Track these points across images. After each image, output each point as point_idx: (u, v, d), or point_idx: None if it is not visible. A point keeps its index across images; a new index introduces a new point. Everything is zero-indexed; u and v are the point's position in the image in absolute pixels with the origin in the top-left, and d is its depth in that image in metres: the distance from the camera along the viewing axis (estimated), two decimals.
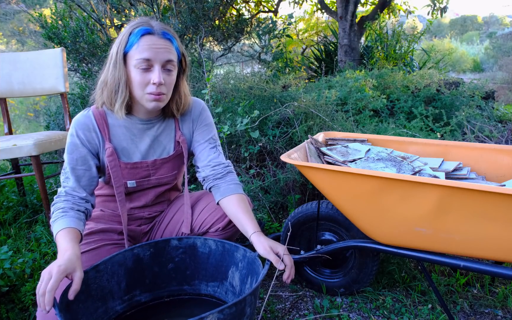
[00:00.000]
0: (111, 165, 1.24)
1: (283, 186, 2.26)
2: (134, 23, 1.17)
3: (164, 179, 1.35)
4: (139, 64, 1.14)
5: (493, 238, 1.13)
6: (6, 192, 2.69)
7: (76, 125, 1.22)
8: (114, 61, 1.16)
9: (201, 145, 1.37)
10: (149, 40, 1.14)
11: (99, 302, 1.12)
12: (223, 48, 4.92)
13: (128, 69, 1.17)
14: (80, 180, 1.21)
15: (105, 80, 1.19)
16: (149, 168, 1.31)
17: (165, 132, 1.33)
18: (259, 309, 1.52)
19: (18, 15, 12.36)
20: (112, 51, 1.18)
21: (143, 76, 1.15)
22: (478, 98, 2.85)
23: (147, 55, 1.13)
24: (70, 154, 1.21)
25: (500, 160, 1.44)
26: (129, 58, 1.16)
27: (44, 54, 2.55)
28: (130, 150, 1.28)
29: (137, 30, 1.14)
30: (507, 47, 11.67)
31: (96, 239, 1.29)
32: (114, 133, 1.26)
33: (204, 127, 1.38)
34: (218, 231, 1.35)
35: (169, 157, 1.33)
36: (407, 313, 1.47)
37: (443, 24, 23.42)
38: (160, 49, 1.15)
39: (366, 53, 4.95)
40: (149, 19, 1.19)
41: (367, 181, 1.23)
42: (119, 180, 1.26)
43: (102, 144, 1.24)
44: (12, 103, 6.86)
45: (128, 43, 1.15)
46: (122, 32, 1.18)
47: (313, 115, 2.46)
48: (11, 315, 1.50)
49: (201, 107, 1.39)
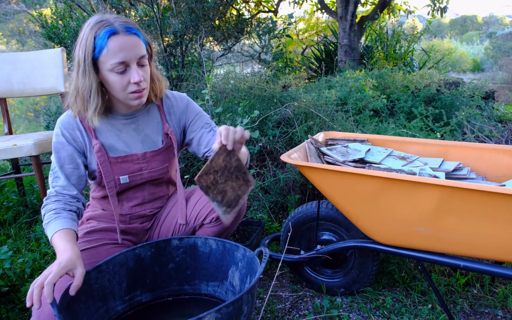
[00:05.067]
0: (101, 161, 1.24)
1: (283, 186, 2.26)
2: (93, 24, 1.13)
3: (156, 173, 1.35)
4: (115, 67, 1.12)
5: (493, 238, 1.13)
6: (6, 192, 2.69)
7: (60, 125, 1.22)
8: (83, 69, 1.13)
9: (199, 132, 1.39)
10: (117, 41, 1.11)
11: (100, 303, 1.12)
12: (223, 48, 4.92)
13: (102, 74, 1.15)
14: (70, 178, 1.21)
15: (77, 88, 1.17)
16: (140, 161, 1.31)
17: (151, 125, 1.34)
18: (259, 309, 1.52)
19: (18, 15, 12.36)
20: (78, 57, 1.14)
21: (121, 78, 1.14)
22: (478, 98, 2.85)
23: (121, 57, 1.12)
24: (57, 153, 1.21)
25: (500, 160, 1.44)
26: (100, 63, 1.13)
27: (44, 54, 2.55)
28: (117, 145, 1.28)
29: (102, 32, 1.11)
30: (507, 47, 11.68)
31: (97, 237, 1.30)
32: (99, 130, 1.26)
33: (196, 117, 1.40)
34: (213, 221, 1.34)
35: (159, 149, 1.34)
36: (407, 313, 1.47)
37: (443, 24, 23.42)
38: (131, 47, 1.14)
39: (366, 53, 4.95)
40: (106, 16, 1.15)
41: (367, 181, 1.23)
42: (109, 175, 1.26)
43: (89, 142, 1.24)
44: (12, 103, 6.85)
45: (95, 48, 1.12)
46: (82, 35, 1.14)
47: (313, 115, 2.46)
48: (11, 315, 1.50)
49: (186, 100, 1.41)
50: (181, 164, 2.52)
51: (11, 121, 2.63)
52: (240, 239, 1.98)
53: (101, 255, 1.23)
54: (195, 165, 2.51)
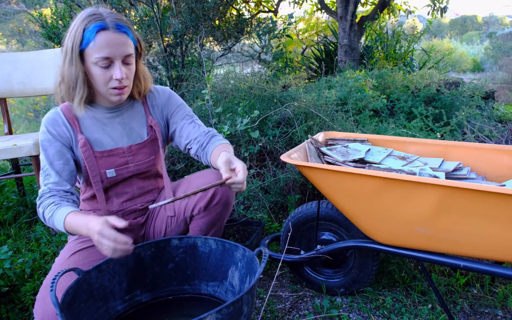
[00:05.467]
0: (85, 155, 1.25)
1: (283, 186, 2.26)
2: (85, 16, 1.15)
3: (142, 166, 1.35)
4: (99, 62, 1.15)
5: (493, 238, 1.13)
6: (6, 192, 2.69)
7: (46, 123, 1.23)
8: (70, 58, 1.16)
9: (180, 123, 1.40)
10: (105, 36, 1.14)
11: (100, 302, 1.12)
12: (223, 48, 4.92)
13: (87, 66, 1.18)
14: (62, 174, 1.22)
15: (62, 75, 1.20)
16: (126, 155, 1.31)
17: (135, 118, 1.35)
18: (259, 309, 1.52)
19: (18, 15, 12.36)
20: (67, 46, 1.17)
21: (104, 73, 1.17)
22: (478, 98, 2.85)
23: (106, 53, 1.14)
24: (45, 150, 1.22)
25: (500, 160, 1.44)
26: (86, 55, 1.16)
27: (44, 54, 2.55)
28: (102, 139, 1.29)
29: (92, 26, 1.13)
30: (507, 47, 11.67)
31: (89, 238, 1.29)
32: (84, 125, 1.27)
33: (177, 109, 1.41)
34: (201, 211, 1.32)
35: (143, 142, 1.35)
36: (407, 313, 1.47)
37: (443, 24, 23.42)
38: (118, 45, 1.15)
39: (366, 53, 4.95)
40: (100, 11, 1.17)
41: (367, 181, 1.23)
42: (94, 169, 1.27)
43: (74, 137, 1.25)
44: (12, 103, 6.85)
45: (83, 40, 1.14)
46: (73, 25, 1.16)
47: (313, 115, 2.46)
48: (11, 315, 1.50)
49: (168, 92, 1.43)
50: (181, 164, 2.52)
51: (11, 121, 2.63)
52: (240, 239, 1.98)
53: (95, 255, 1.23)
54: (195, 165, 2.51)
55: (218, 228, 1.40)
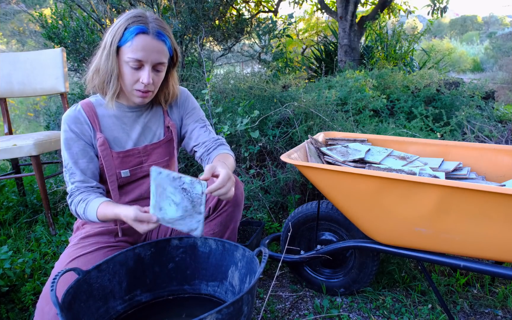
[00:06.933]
0: (103, 155, 1.25)
1: (283, 186, 2.26)
2: (130, 16, 1.17)
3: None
4: (131, 62, 1.16)
5: (493, 238, 1.13)
6: (6, 192, 2.69)
7: (67, 120, 1.23)
8: (108, 53, 1.18)
9: (191, 125, 1.41)
10: (143, 40, 1.15)
11: (100, 302, 1.12)
12: (223, 48, 4.92)
13: (120, 62, 1.19)
14: (86, 173, 1.24)
15: (97, 68, 1.22)
16: (141, 155, 1.32)
17: (154, 118, 1.36)
18: (259, 309, 1.52)
19: (18, 15, 12.36)
20: (106, 40, 1.19)
21: (133, 73, 1.18)
22: (478, 98, 2.85)
23: (140, 56, 1.16)
24: (68, 149, 1.22)
25: (500, 160, 1.44)
26: (121, 52, 1.18)
27: (44, 54, 2.55)
28: (122, 139, 1.30)
29: (133, 27, 1.15)
30: (507, 47, 11.68)
31: (92, 242, 1.28)
32: (104, 124, 1.28)
33: (192, 111, 1.43)
34: (211, 213, 1.32)
35: (159, 142, 1.35)
36: (407, 313, 1.47)
37: (443, 24, 23.42)
38: (153, 52, 1.17)
39: (366, 53, 4.95)
40: (146, 14, 1.19)
41: (367, 181, 1.23)
42: (111, 169, 1.27)
43: (94, 135, 1.26)
44: (12, 103, 6.86)
45: (122, 37, 1.16)
46: (117, 22, 1.18)
47: (313, 115, 2.46)
48: (11, 315, 1.50)
49: (186, 93, 1.44)
50: (181, 164, 2.52)
51: (11, 121, 2.63)
52: (240, 239, 1.98)
53: (95, 260, 1.22)
54: (195, 165, 2.51)
55: (232, 230, 1.39)
